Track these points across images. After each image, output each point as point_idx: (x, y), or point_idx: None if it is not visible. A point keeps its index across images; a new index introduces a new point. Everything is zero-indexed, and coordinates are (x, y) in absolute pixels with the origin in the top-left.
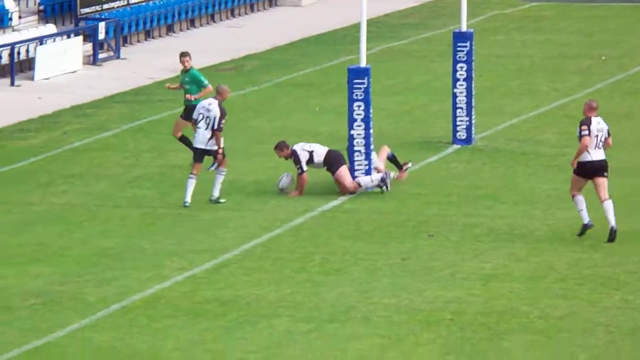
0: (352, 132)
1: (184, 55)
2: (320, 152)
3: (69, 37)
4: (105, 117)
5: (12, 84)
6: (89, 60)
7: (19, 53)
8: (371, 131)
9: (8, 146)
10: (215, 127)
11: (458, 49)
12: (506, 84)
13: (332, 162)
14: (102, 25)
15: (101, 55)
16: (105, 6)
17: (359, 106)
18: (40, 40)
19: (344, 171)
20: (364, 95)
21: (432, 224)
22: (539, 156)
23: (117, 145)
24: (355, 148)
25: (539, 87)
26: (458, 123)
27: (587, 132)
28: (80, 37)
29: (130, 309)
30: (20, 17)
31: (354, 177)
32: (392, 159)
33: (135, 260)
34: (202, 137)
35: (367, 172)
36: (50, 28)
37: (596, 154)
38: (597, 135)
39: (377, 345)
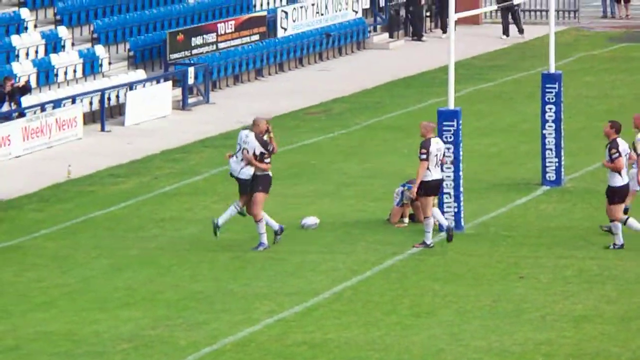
0: (442, 174)
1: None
2: None
3: (158, 82)
4: (195, 162)
5: (103, 129)
6: (179, 105)
7: (109, 99)
8: (461, 173)
9: (99, 191)
10: (254, 153)
11: (547, 90)
12: (596, 125)
13: None
14: (191, 70)
15: (190, 100)
16: (195, 51)
17: (449, 148)
18: (130, 85)
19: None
20: (453, 138)
21: (522, 266)
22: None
23: (206, 189)
24: (445, 190)
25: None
26: (547, 164)
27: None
28: (170, 82)
29: (221, 352)
30: (110, 63)
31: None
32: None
33: (225, 303)
34: (234, 165)
35: (457, 215)
36: (140, 74)
37: None
38: None
39: None
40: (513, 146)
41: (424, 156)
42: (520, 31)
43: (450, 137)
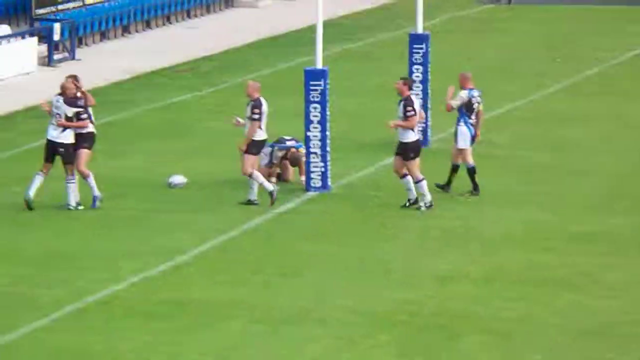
0: (308, 133)
1: None
2: None
3: (23, 37)
4: None
5: None
6: (44, 61)
7: None
8: (327, 133)
9: None
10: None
11: (414, 50)
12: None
13: None
14: (57, 26)
15: (56, 57)
16: (61, 7)
17: (315, 108)
18: None
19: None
20: (320, 97)
21: (388, 226)
22: (492, 157)
23: None
24: (312, 150)
25: (492, 89)
26: None
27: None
28: (35, 38)
29: (84, 310)
30: None
31: (309, 179)
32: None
33: (90, 261)
34: (53, 132)
35: (324, 175)
36: (5, 29)
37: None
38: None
39: (333, 347)
40: (381, 106)
41: (257, 116)
42: None
43: (317, 97)
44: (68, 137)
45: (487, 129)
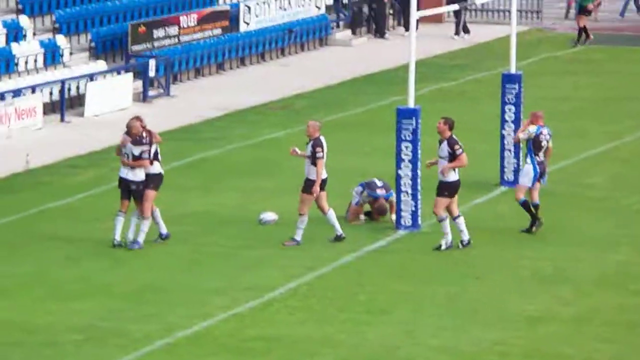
0: (399, 172)
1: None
2: None
3: (119, 73)
4: None
5: (62, 119)
6: (139, 97)
7: (69, 89)
8: (419, 172)
9: (57, 182)
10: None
11: (507, 90)
12: (556, 125)
13: None
14: (152, 63)
15: (151, 93)
16: (157, 44)
17: (407, 147)
18: (91, 76)
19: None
20: (412, 136)
21: (477, 266)
22: (586, 199)
23: (165, 181)
24: (403, 188)
25: (589, 129)
26: (505, 165)
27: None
28: (131, 74)
29: (175, 346)
30: (71, 54)
31: (399, 217)
32: None
33: (180, 296)
34: (124, 171)
35: (414, 214)
36: (101, 65)
37: None
38: None
39: None
40: (472, 146)
41: (321, 154)
42: (466, 31)
43: (409, 136)
44: (140, 175)
45: (581, 169)
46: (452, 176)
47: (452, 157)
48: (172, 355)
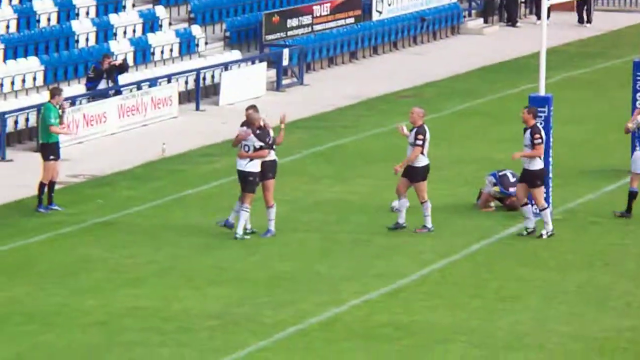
0: None
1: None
2: None
3: (253, 63)
4: (287, 143)
5: (197, 108)
6: (273, 86)
7: (204, 78)
8: (550, 159)
9: (191, 170)
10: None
11: (638, 78)
12: None
13: None
14: (286, 52)
15: (285, 82)
16: (290, 33)
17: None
18: (226, 66)
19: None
20: (544, 124)
21: (608, 252)
22: None
23: (296, 170)
24: None
25: None
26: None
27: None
28: (265, 64)
29: (307, 332)
30: (206, 43)
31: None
32: None
33: (312, 284)
34: (240, 161)
35: (546, 200)
36: (236, 54)
37: None
38: None
39: None
40: (603, 134)
41: (420, 142)
42: (589, 21)
43: (542, 123)
44: (258, 166)
45: None
46: (539, 164)
47: (532, 146)
48: (304, 341)
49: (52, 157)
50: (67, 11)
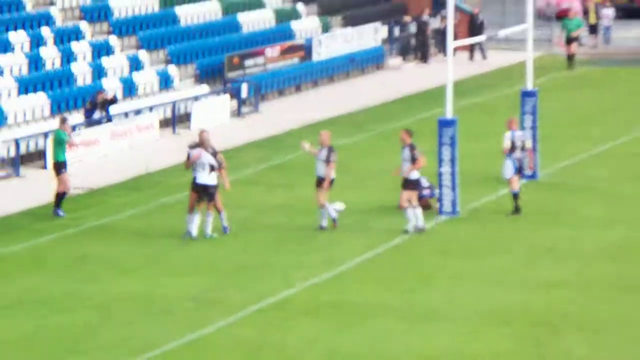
0: (441, 169)
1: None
2: None
3: (218, 95)
4: (246, 158)
5: (174, 132)
6: (234, 113)
7: (179, 108)
8: (457, 169)
9: (170, 182)
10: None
11: (525, 103)
12: (565, 131)
13: None
14: (244, 86)
15: (244, 110)
16: (247, 71)
17: (447, 149)
18: (196, 98)
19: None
20: (451, 141)
21: (505, 242)
22: (591, 189)
23: (255, 180)
24: (444, 183)
25: (592, 133)
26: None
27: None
28: (228, 96)
29: (264, 310)
30: (180, 80)
31: (441, 206)
32: None
33: (267, 272)
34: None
35: (454, 202)
36: (204, 88)
37: None
38: None
39: (460, 340)
40: (498, 148)
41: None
42: (484, 57)
43: (449, 140)
44: (214, 180)
45: (587, 165)
46: (415, 175)
47: (413, 160)
48: (263, 318)
49: (62, 170)
50: (67, 56)
